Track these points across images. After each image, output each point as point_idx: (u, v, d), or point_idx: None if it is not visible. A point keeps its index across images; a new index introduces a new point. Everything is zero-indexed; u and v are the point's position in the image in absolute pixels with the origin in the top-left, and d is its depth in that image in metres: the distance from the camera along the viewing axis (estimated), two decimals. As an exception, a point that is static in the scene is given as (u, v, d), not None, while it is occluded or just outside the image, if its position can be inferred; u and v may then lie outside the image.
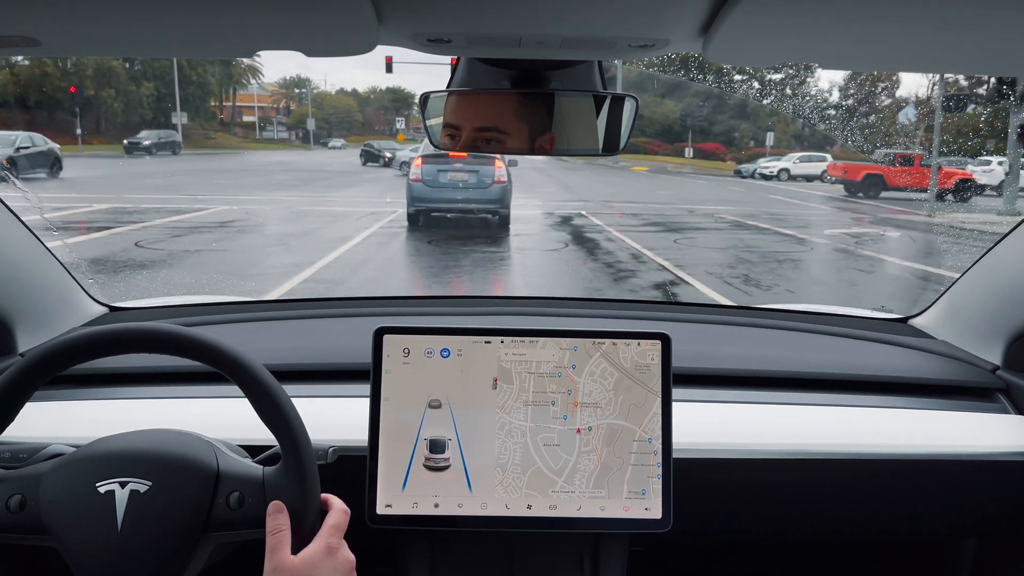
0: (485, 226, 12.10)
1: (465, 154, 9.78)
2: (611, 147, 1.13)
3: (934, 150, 16.25)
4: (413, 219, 12.06)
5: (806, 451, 1.31)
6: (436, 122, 1.12)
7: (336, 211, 14.15)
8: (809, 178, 27.82)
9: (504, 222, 12.08)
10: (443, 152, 10.02)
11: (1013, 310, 1.45)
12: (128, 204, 14.06)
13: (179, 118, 42.06)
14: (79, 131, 33.84)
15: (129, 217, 12.40)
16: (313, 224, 12.46)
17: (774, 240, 12.38)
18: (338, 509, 0.98)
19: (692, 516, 1.24)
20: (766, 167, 29.34)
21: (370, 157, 31.80)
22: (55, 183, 18.06)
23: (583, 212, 15.07)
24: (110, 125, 39.86)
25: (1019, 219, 1.44)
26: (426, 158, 11.82)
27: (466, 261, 9.56)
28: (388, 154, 29.66)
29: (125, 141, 32.40)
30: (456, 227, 12.10)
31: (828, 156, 29.14)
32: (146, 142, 32.30)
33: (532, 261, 9.79)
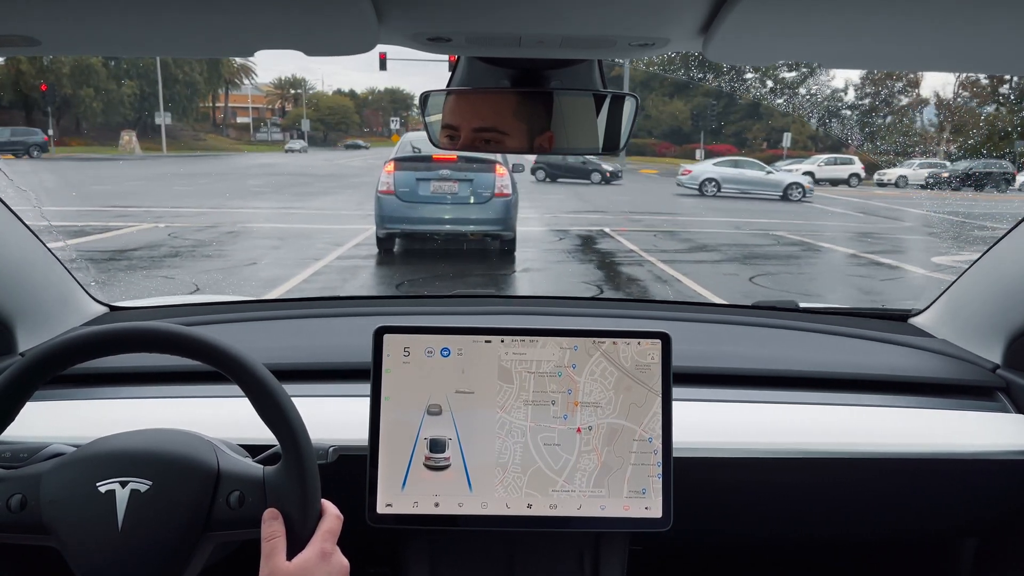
0: (482, 257, 9.18)
1: (455, 156, 8.01)
2: (611, 146, 1.13)
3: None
4: (384, 245, 9.10)
5: (806, 450, 1.31)
6: (436, 119, 1.12)
7: (292, 229, 11.44)
8: (834, 182, 26.55)
9: (508, 249, 9.11)
10: (424, 155, 8.48)
11: (1013, 308, 1.45)
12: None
13: (163, 118, 39.96)
14: (50, 132, 31.42)
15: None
16: (249, 252, 9.57)
17: (881, 276, 9.09)
18: (331, 515, 0.98)
19: (692, 515, 1.24)
20: (788, 171, 27.22)
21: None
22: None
23: (606, 229, 12.08)
24: (90, 126, 38.45)
25: (1020, 218, 1.44)
26: (401, 162, 8.62)
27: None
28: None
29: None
30: (443, 255, 9.10)
31: (855, 159, 27.90)
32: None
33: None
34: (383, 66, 22.91)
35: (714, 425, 1.33)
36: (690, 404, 1.34)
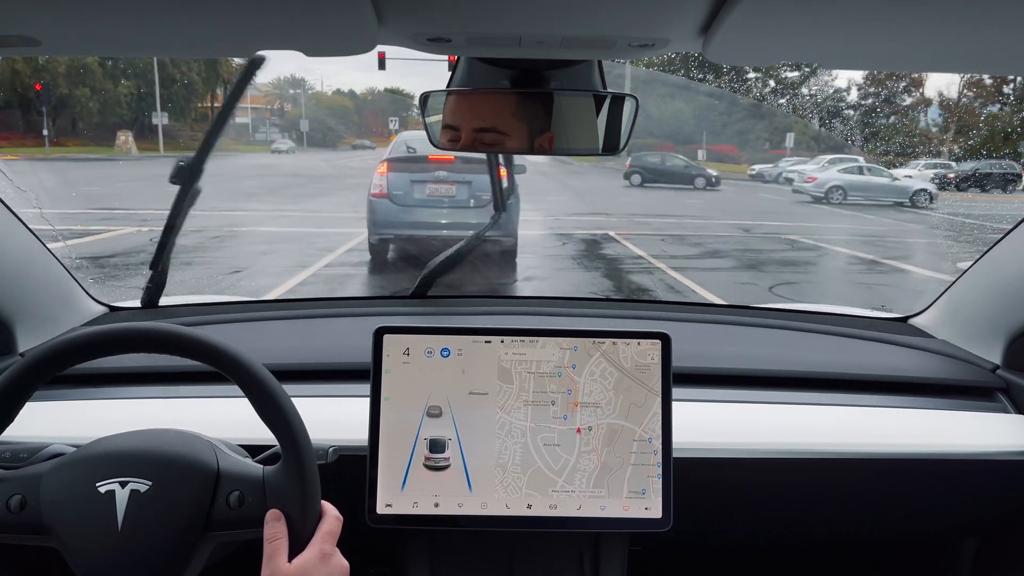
0: (482, 265, 8.21)
1: (452, 157, 7.45)
2: (611, 147, 1.13)
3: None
4: (377, 253, 8.34)
5: (806, 451, 1.31)
6: (436, 119, 1.12)
7: (283, 233, 10.78)
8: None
9: (509, 256, 8.30)
10: (419, 155, 7.92)
11: (1013, 309, 1.45)
12: None
13: (159, 118, 38.94)
14: (45, 132, 30.58)
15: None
16: (235, 259, 8.85)
17: (907, 284, 8.28)
18: (331, 516, 0.98)
19: (692, 516, 1.24)
20: (793, 170, 25.75)
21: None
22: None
23: (611, 233, 11.29)
24: (86, 126, 38.13)
25: (1019, 219, 1.44)
26: (395, 163, 7.83)
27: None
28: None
29: None
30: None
31: (860, 159, 27.52)
32: None
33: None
34: (382, 66, 22.69)
35: (714, 425, 1.33)
36: (690, 404, 1.34)
